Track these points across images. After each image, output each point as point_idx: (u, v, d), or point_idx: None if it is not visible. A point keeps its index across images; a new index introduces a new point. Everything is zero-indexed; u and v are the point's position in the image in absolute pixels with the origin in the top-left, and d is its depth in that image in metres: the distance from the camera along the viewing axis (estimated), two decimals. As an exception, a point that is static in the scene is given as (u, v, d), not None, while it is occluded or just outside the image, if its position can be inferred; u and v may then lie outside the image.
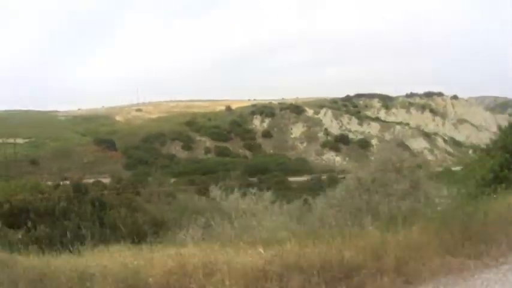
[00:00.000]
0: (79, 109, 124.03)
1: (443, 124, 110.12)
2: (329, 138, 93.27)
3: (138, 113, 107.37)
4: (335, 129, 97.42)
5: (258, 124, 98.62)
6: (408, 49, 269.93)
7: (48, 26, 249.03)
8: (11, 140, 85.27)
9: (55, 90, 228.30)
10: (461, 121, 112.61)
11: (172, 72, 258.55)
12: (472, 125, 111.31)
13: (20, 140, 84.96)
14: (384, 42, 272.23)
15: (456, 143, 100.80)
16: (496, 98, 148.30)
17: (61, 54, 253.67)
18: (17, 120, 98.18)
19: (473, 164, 15.80)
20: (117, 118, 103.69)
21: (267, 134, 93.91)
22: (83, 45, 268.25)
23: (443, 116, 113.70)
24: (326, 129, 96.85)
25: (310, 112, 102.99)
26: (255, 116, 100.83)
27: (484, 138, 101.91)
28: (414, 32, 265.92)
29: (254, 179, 53.88)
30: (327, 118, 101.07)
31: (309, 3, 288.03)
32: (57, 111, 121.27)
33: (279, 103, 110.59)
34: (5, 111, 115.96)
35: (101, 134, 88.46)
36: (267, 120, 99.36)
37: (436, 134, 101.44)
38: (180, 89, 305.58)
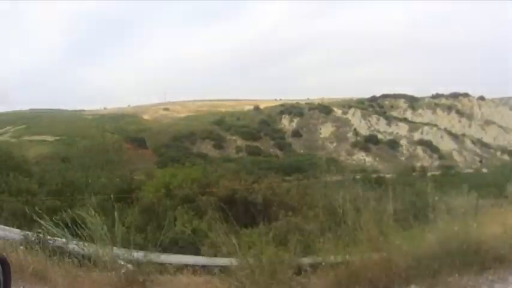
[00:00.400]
0: (105, 108, 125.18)
1: (470, 125, 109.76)
2: (358, 138, 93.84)
3: (166, 112, 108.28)
4: (363, 130, 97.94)
5: (287, 124, 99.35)
6: (430, 50, 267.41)
7: (73, 26, 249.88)
8: (37, 138, 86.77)
9: (79, 89, 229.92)
10: (488, 122, 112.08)
11: (196, 72, 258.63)
12: (499, 126, 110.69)
13: (49, 138, 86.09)
14: (405, 43, 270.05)
15: (484, 145, 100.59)
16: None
17: (84, 54, 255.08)
18: (44, 119, 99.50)
19: None
20: (145, 117, 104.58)
21: (296, 134, 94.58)
22: (106, 45, 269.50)
23: (470, 117, 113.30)
24: (355, 129, 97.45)
25: (338, 112, 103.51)
26: (283, 116, 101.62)
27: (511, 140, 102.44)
28: (435, 32, 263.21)
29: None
30: (355, 118, 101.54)
31: (331, 3, 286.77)
32: (83, 110, 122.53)
33: (307, 103, 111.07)
34: (31, 110, 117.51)
35: (129, 132, 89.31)
36: (296, 120, 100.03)
37: (464, 135, 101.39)
38: (204, 89, 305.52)
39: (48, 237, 7.41)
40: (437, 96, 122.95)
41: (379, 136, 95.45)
